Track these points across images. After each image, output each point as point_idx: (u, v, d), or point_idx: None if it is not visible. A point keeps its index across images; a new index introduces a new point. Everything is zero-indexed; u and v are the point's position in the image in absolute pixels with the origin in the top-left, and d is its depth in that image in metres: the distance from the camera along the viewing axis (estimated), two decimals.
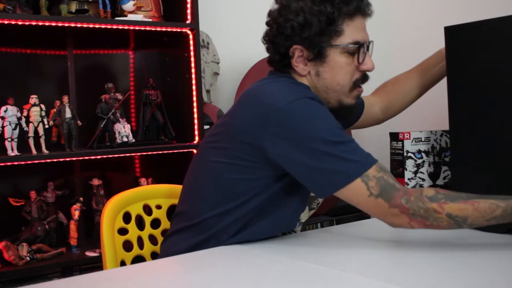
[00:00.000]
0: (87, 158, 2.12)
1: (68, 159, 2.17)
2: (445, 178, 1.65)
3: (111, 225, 1.40)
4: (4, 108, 1.93)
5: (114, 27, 2.08)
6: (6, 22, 1.90)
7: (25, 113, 1.98)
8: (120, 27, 2.09)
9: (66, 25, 1.99)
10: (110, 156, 2.12)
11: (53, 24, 1.98)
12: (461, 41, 1.40)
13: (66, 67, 2.29)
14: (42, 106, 2.00)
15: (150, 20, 2.21)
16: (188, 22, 2.23)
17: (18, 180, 2.17)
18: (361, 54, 1.27)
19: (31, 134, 1.97)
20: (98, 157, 2.11)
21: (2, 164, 1.91)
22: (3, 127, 1.92)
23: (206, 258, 1.19)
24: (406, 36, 2.46)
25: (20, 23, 1.93)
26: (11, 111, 1.94)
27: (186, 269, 1.17)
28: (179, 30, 2.23)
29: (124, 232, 1.46)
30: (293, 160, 1.17)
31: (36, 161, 1.97)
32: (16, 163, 1.94)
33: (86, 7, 2.14)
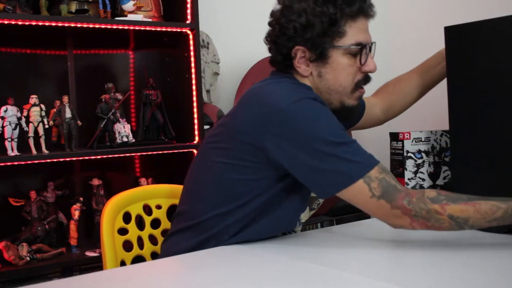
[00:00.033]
0: (87, 158, 2.12)
1: (68, 159, 2.17)
2: (445, 178, 1.65)
3: (111, 225, 1.40)
4: (4, 108, 1.93)
5: (114, 27, 2.08)
6: (6, 22, 1.90)
7: (25, 113, 1.98)
8: (120, 27, 2.09)
9: (66, 25, 1.99)
10: (110, 156, 2.12)
11: (53, 24, 1.98)
12: (461, 41, 1.40)
13: (66, 67, 2.29)
14: (42, 106, 2.00)
15: (150, 20, 2.21)
16: (188, 22, 2.23)
17: (18, 180, 2.17)
18: (363, 55, 1.27)
19: (31, 134, 1.97)
20: (98, 157, 2.11)
21: (2, 164, 1.91)
22: (3, 127, 1.92)
23: (206, 258, 1.19)
24: (406, 36, 2.46)
25: (20, 23, 1.93)
26: (11, 111, 1.94)
27: (186, 269, 1.17)
28: (179, 30, 2.23)
29: (124, 232, 1.46)
30: (295, 160, 1.17)
31: (36, 161, 1.97)
32: (16, 163, 1.94)
33: (86, 7, 2.14)
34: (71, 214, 2.12)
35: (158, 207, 1.54)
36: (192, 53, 2.24)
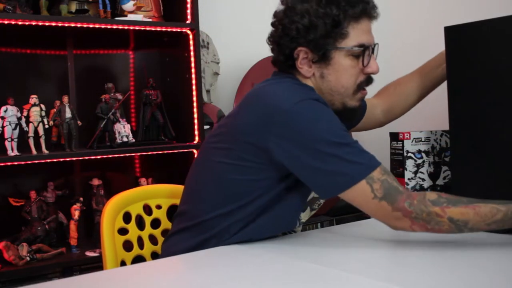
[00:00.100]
0: (87, 158, 2.12)
1: (68, 159, 2.17)
2: (445, 178, 1.65)
3: (111, 225, 1.40)
4: (4, 108, 1.93)
5: (114, 27, 2.08)
6: (6, 22, 1.90)
7: (25, 113, 1.98)
8: (120, 27, 2.09)
9: (66, 25, 1.99)
10: (110, 156, 2.12)
11: (53, 24, 1.98)
12: (461, 41, 1.40)
13: (66, 67, 2.29)
14: (42, 106, 2.00)
15: (150, 20, 2.21)
16: (188, 22, 2.23)
17: (18, 180, 2.17)
18: (366, 57, 1.27)
19: (31, 134, 1.97)
20: (98, 157, 2.11)
21: (2, 164, 1.91)
22: (3, 127, 1.92)
23: (206, 258, 1.19)
24: (406, 36, 2.46)
25: (20, 23, 1.93)
26: (11, 111, 1.94)
27: (186, 269, 1.17)
28: (179, 30, 2.23)
29: (124, 232, 1.46)
30: (297, 161, 1.17)
31: (36, 161, 1.97)
32: (16, 163, 1.94)
33: (86, 7, 2.14)
34: (71, 214, 2.12)
35: (158, 207, 1.54)
36: (192, 53, 2.24)
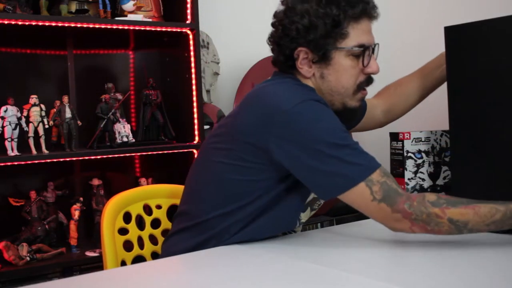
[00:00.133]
0: (87, 158, 2.12)
1: (68, 159, 2.17)
2: (445, 178, 1.65)
3: (111, 225, 1.40)
4: (4, 108, 1.93)
5: (114, 27, 2.08)
6: (6, 22, 1.90)
7: (25, 113, 1.98)
8: (120, 27, 2.09)
9: (66, 25, 1.99)
10: (110, 156, 2.12)
11: (53, 24, 1.98)
12: (461, 41, 1.40)
13: (66, 67, 2.29)
14: (42, 106, 2.00)
15: (150, 20, 2.21)
16: (188, 22, 2.23)
17: (18, 180, 2.17)
18: (366, 57, 1.27)
19: (31, 134, 1.97)
20: (98, 157, 2.11)
21: (2, 164, 1.91)
22: (3, 127, 1.92)
23: (206, 258, 1.19)
24: (406, 36, 2.46)
25: (20, 23, 1.93)
26: (11, 111, 1.94)
27: (186, 269, 1.17)
28: (179, 30, 2.23)
29: (124, 232, 1.46)
30: (297, 162, 1.17)
31: (36, 161, 1.97)
32: (16, 163, 1.94)
33: (86, 7, 2.14)
34: (71, 214, 2.12)
35: (158, 207, 1.54)
36: (192, 53, 2.24)
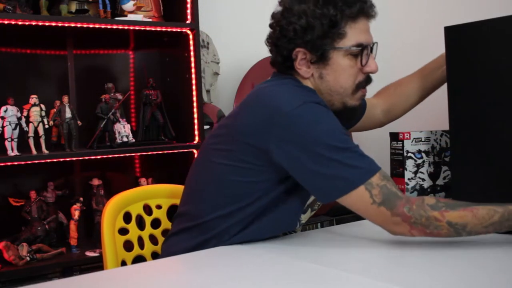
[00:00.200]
0: (87, 158, 2.12)
1: (68, 159, 2.17)
2: (445, 178, 1.65)
3: (111, 225, 1.40)
4: (4, 108, 1.93)
5: (114, 27, 2.08)
6: (6, 22, 1.90)
7: (25, 113, 1.98)
8: (120, 27, 2.09)
9: (66, 25, 1.99)
10: (110, 156, 2.12)
11: (53, 24, 1.98)
12: (461, 41, 1.40)
13: (66, 67, 2.29)
14: (42, 106, 2.00)
15: (150, 20, 2.21)
16: (188, 22, 2.23)
17: (18, 180, 2.17)
18: (364, 56, 1.27)
19: (31, 134, 1.97)
20: (98, 157, 2.11)
21: (2, 164, 1.91)
22: (3, 127, 1.92)
23: (206, 258, 1.19)
24: (406, 36, 2.46)
25: (20, 23, 1.93)
26: (11, 111, 1.94)
27: (186, 269, 1.17)
28: (179, 30, 2.23)
29: (124, 232, 1.46)
30: (297, 164, 1.17)
31: (36, 161, 1.97)
32: (16, 163, 1.94)
33: (86, 7, 2.14)
34: (71, 214, 2.12)
35: (158, 207, 1.54)
36: (192, 53, 2.24)
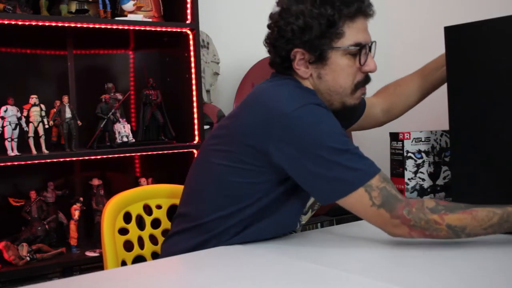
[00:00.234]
0: (87, 158, 2.12)
1: (68, 159, 2.17)
2: (445, 178, 1.65)
3: (111, 225, 1.40)
4: (4, 108, 1.93)
5: (114, 27, 2.08)
6: (6, 22, 1.90)
7: (25, 113, 1.97)
8: (120, 27, 2.09)
9: (66, 25, 1.99)
10: (110, 156, 2.12)
11: (53, 24, 1.98)
12: (461, 41, 1.40)
13: (66, 67, 2.29)
14: (42, 106, 2.00)
15: (150, 20, 2.21)
16: (188, 22, 2.23)
17: (18, 180, 2.17)
18: (362, 56, 1.26)
19: (31, 134, 1.97)
20: (98, 157, 2.11)
21: (2, 164, 1.91)
22: (3, 127, 1.92)
23: (206, 258, 1.19)
24: (406, 36, 2.46)
25: (20, 23, 1.93)
26: (11, 111, 1.94)
27: (186, 269, 1.17)
28: (179, 30, 2.23)
29: (124, 232, 1.46)
30: (296, 165, 1.17)
31: (36, 161, 1.97)
32: (16, 163, 1.94)
33: (86, 7, 2.14)
34: (71, 214, 2.12)
35: (158, 207, 1.54)
36: (192, 53, 2.24)
